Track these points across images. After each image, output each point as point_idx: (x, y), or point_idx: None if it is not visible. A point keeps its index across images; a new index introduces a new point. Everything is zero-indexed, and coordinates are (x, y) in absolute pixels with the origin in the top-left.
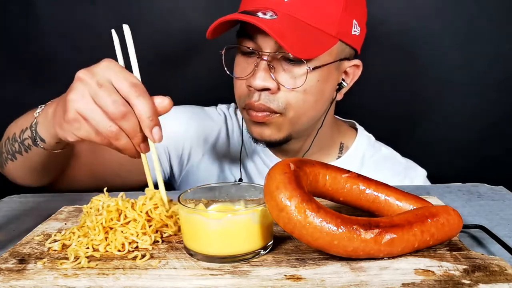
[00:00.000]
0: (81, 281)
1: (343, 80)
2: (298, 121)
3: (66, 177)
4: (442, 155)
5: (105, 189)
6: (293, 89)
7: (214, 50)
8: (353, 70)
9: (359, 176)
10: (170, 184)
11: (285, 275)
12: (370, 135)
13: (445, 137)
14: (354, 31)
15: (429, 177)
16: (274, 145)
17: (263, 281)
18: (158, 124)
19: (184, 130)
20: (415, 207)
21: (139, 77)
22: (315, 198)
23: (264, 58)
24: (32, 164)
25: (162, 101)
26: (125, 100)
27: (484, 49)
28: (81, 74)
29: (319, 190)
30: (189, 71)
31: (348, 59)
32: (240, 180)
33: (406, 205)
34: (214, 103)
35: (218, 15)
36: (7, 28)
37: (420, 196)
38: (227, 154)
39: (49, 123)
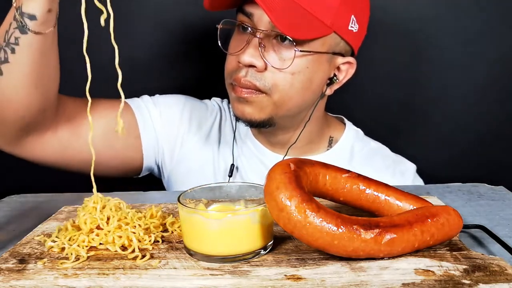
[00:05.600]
0: (81, 281)
1: (335, 75)
2: (282, 105)
3: (46, 132)
4: (442, 155)
5: (94, 189)
6: (279, 70)
7: (213, 46)
8: (347, 68)
9: (359, 176)
10: (158, 179)
11: (285, 275)
12: (359, 129)
13: (445, 137)
14: (351, 26)
15: (430, 177)
16: (255, 125)
17: (263, 281)
18: None
19: (179, 117)
20: (415, 207)
21: None
22: (315, 198)
23: (257, 35)
24: (23, 68)
25: None
26: None
27: (484, 49)
28: None
29: (319, 190)
30: (189, 67)
31: (342, 55)
32: (232, 165)
33: (406, 205)
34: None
35: (218, 12)
36: None
37: (420, 196)
38: (219, 144)
39: None
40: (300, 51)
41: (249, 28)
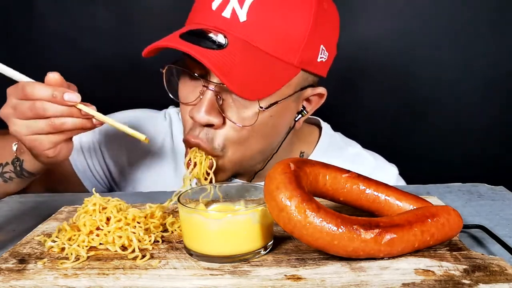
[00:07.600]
0: (81, 281)
1: (303, 107)
2: (241, 160)
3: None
4: (442, 155)
5: (93, 189)
6: (242, 127)
7: None
8: (316, 99)
9: (359, 176)
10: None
11: (285, 275)
12: (336, 134)
13: (445, 137)
14: (321, 57)
15: (430, 177)
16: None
17: (263, 281)
18: (65, 91)
19: (118, 143)
20: (415, 207)
21: (25, 78)
22: (315, 198)
23: (211, 88)
24: (8, 188)
25: (48, 76)
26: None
27: (483, 49)
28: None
29: (319, 190)
30: None
31: (312, 86)
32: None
33: (406, 205)
34: None
35: None
36: (7, 28)
37: (420, 196)
38: (173, 162)
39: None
40: (265, 108)
41: (202, 80)
